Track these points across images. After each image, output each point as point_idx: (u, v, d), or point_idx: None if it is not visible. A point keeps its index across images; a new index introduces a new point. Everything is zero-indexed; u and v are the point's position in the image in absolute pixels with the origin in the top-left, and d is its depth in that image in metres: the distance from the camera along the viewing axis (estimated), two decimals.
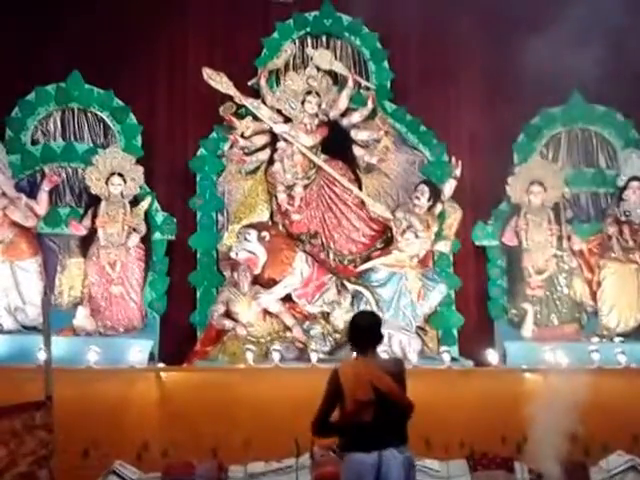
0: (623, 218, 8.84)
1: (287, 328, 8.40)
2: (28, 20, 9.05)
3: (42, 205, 8.58)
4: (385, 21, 9.42)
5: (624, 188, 8.97)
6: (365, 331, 4.72)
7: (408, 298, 8.50)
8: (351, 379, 4.54)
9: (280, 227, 8.89)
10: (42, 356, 5.57)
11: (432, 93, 9.34)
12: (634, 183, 8.92)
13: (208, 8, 9.58)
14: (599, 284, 8.79)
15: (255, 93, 9.15)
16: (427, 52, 9.29)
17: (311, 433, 4.69)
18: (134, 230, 8.61)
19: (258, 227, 8.64)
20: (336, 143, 8.99)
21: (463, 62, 9.14)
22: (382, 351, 7.85)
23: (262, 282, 8.53)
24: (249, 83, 9.18)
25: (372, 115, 9.07)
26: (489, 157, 8.86)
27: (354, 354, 4.79)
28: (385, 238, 8.92)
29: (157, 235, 8.89)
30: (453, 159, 8.89)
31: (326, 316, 8.44)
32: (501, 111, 8.94)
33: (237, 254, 8.47)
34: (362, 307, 8.45)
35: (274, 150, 8.95)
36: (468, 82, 9.25)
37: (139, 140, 9.12)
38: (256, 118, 8.96)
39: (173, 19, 9.44)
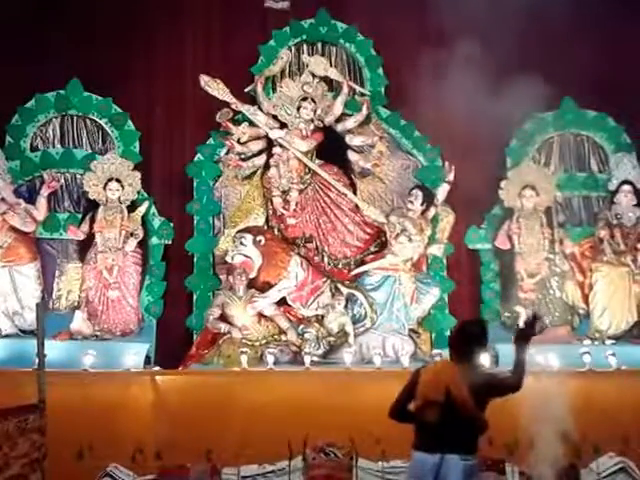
0: (615, 221, 8.88)
1: (282, 331, 8.47)
2: (28, 28, 9.14)
3: (41, 210, 8.69)
4: (379, 28, 9.50)
5: (615, 192, 9.04)
6: (459, 338, 4.75)
7: (401, 301, 8.56)
8: (428, 378, 4.62)
9: (275, 231, 8.97)
10: None
11: (426, 99, 9.40)
12: (625, 187, 8.98)
13: (205, 16, 9.71)
14: (591, 287, 8.82)
15: (251, 99, 9.25)
16: (421, 58, 9.32)
17: (388, 415, 4.76)
18: (131, 235, 8.71)
19: (253, 231, 8.71)
20: (331, 148, 9.09)
21: (457, 68, 9.15)
22: (375, 353, 8.06)
23: (257, 286, 8.60)
24: (246, 90, 9.27)
25: (367, 121, 9.21)
26: (482, 162, 8.88)
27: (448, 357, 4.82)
28: (379, 242, 9.00)
29: (154, 240, 9.00)
30: (446, 164, 8.99)
31: (320, 319, 8.47)
32: (494, 116, 8.99)
33: (233, 258, 8.54)
34: (356, 310, 8.55)
35: (270, 155, 9.05)
36: (462, 88, 9.28)
37: (137, 146, 9.25)
38: (252, 124, 9.07)
39: (170, 27, 9.57)
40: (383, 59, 9.55)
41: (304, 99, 9.02)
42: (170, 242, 9.09)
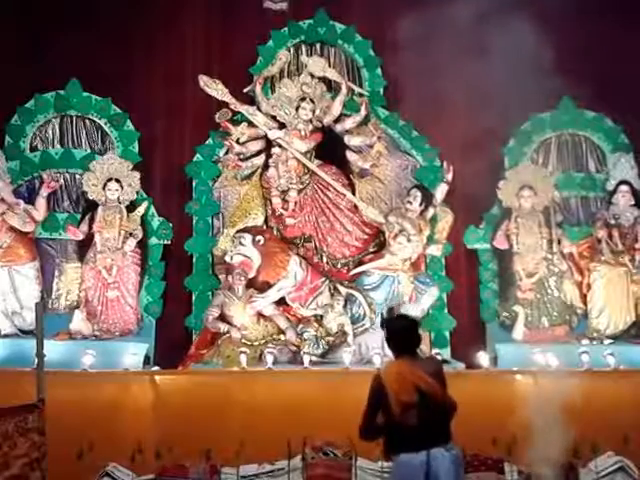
0: (612, 222, 8.94)
1: (281, 331, 8.48)
2: (28, 29, 9.18)
3: (40, 210, 8.71)
4: (378, 28, 9.53)
5: (613, 192, 9.10)
6: (404, 333, 4.81)
7: (400, 301, 8.58)
8: (394, 382, 4.59)
9: (274, 231, 8.97)
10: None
11: (424, 99, 9.43)
12: (623, 187, 9.03)
13: (204, 17, 9.75)
14: (589, 287, 8.86)
15: (250, 100, 9.27)
16: (419, 58, 9.34)
17: (359, 438, 4.76)
18: (131, 235, 8.73)
19: (253, 231, 8.71)
20: (330, 148, 9.12)
21: (455, 68, 9.21)
22: (374, 353, 8.07)
23: (256, 285, 8.60)
24: (245, 90, 9.29)
25: (365, 121, 9.22)
26: (480, 162, 8.91)
27: (393, 357, 4.86)
28: (378, 242, 9.02)
29: (153, 240, 9.02)
30: (445, 164, 9.00)
31: (319, 319, 8.47)
32: (492, 116, 9.02)
33: (232, 258, 8.54)
34: (355, 310, 8.56)
35: (269, 155, 9.07)
36: (460, 88, 9.34)
37: (136, 146, 9.26)
38: (251, 124, 9.08)
39: (170, 27, 9.59)
40: (382, 60, 9.58)
41: (303, 99, 9.04)
42: (169, 242, 9.11)
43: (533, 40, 8.17)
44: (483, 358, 8.05)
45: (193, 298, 8.95)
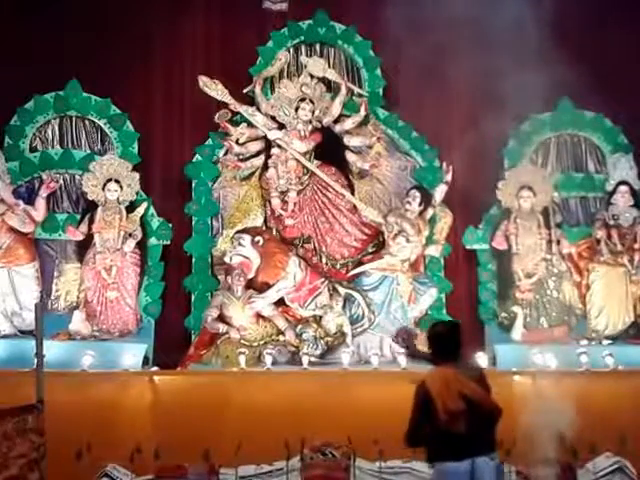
0: (612, 222, 8.92)
1: (280, 332, 8.48)
2: (27, 29, 9.18)
3: (40, 211, 8.73)
4: (378, 28, 9.52)
5: (612, 192, 9.06)
6: (449, 340, 4.74)
7: (399, 302, 8.58)
8: (440, 390, 4.53)
9: (274, 232, 8.99)
10: None
11: (424, 100, 9.46)
12: (622, 187, 9.00)
13: (204, 17, 9.75)
14: (588, 287, 8.84)
15: (250, 100, 9.27)
16: (419, 59, 9.34)
17: (405, 445, 4.71)
18: (130, 235, 8.74)
19: (252, 232, 8.73)
20: (329, 149, 9.12)
21: (454, 69, 9.21)
22: (373, 354, 8.08)
23: (256, 286, 8.60)
24: (244, 91, 9.29)
25: (365, 121, 9.23)
26: (480, 162, 8.96)
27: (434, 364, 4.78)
28: (377, 242, 9.03)
29: (153, 240, 9.02)
30: (444, 164, 9.00)
31: (318, 320, 8.49)
32: (491, 117, 9.02)
33: (231, 259, 8.55)
34: (354, 311, 8.57)
35: (268, 156, 9.07)
36: (459, 88, 9.36)
37: (136, 147, 9.26)
38: (251, 125, 9.09)
39: (169, 28, 9.60)
40: (381, 60, 9.58)
41: (302, 100, 9.06)
42: (168, 243, 9.11)
43: (533, 41, 8.19)
44: (482, 359, 8.04)
45: (192, 299, 8.96)
